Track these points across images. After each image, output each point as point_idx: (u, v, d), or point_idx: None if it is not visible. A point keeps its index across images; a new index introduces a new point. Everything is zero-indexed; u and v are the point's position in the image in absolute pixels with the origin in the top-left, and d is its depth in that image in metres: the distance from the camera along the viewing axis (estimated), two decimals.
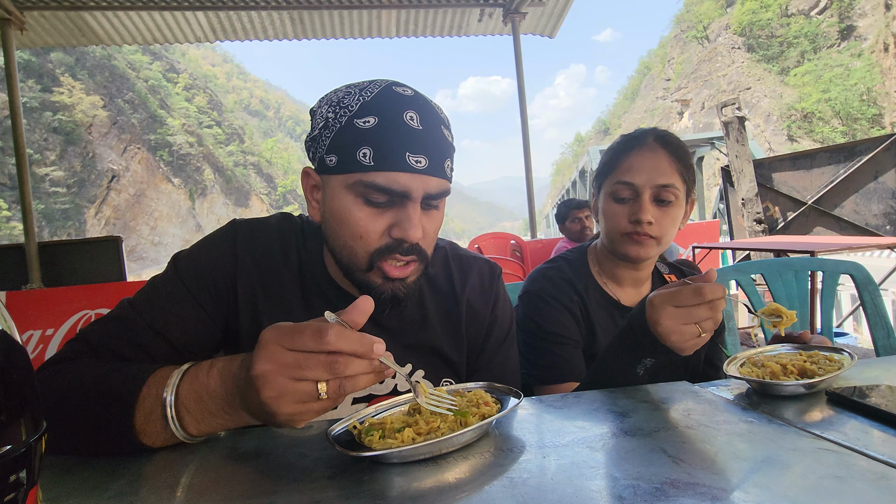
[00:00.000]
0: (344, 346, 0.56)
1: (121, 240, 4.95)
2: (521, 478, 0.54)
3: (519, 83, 5.47)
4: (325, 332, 0.56)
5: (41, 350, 3.55)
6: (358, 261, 0.79)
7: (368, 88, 0.77)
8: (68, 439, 0.66)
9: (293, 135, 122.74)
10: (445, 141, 0.79)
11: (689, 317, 0.78)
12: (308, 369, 0.56)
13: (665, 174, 1.08)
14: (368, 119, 0.74)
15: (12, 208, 33.03)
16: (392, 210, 0.77)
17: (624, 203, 1.11)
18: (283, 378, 0.56)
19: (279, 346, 0.57)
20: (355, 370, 0.57)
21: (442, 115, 0.81)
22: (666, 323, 0.80)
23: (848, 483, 0.50)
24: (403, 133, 0.74)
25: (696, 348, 0.82)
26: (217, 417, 0.64)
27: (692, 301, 0.78)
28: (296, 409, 0.58)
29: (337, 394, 0.57)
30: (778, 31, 48.70)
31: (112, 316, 0.80)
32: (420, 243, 0.79)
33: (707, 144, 11.44)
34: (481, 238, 5.36)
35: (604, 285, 1.20)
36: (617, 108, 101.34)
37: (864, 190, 5.97)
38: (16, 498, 0.31)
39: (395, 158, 0.73)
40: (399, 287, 0.80)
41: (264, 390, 0.57)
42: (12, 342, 0.32)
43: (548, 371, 1.11)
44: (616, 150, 1.14)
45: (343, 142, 0.75)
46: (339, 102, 0.77)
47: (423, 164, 0.75)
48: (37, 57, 41.52)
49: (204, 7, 4.93)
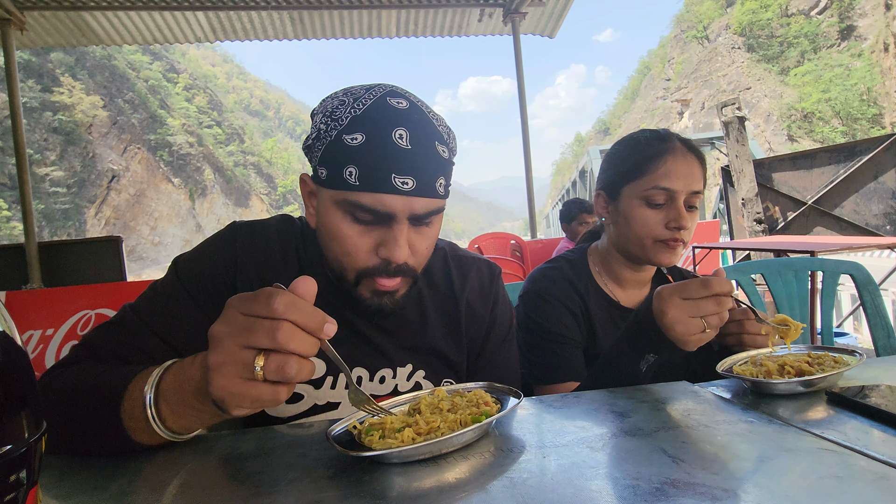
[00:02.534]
0: (292, 315, 0.53)
1: (121, 240, 4.95)
2: (521, 478, 0.54)
3: (519, 83, 5.48)
4: (274, 296, 0.53)
5: (41, 350, 3.55)
6: (346, 276, 0.80)
7: (362, 99, 0.75)
8: (68, 440, 0.67)
9: (293, 135, 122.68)
10: (438, 158, 0.76)
11: (696, 309, 0.80)
12: (252, 333, 0.53)
13: (698, 180, 1.08)
14: (356, 136, 0.72)
15: (12, 208, 33.03)
16: (379, 229, 0.76)
17: (658, 208, 1.08)
18: (230, 342, 0.54)
19: (236, 309, 0.55)
20: (298, 345, 0.53)
21: (438, 130, 0.77)
22: (672, 313, 0.81)
23: (848, 483, 0.50)
24: (390, 153, 0.72)
25: (698, 344, 0.82)
26: (192, 409, 0.62)
27: (700, 293, 0.79)
28: (231, 384, 0.54)
29: (274, 374, 0.53)
30: (778, 31, 48.70)
31: (114, 320, 0.81)
32: (408, 262, 0.78)
33: (707, 144, 11.45)
34: (481, 238, 5.36)
35: (604, 286, 1.19)
36: (617, 108, 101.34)
37: (864, 190, 5.97)
38: (16, 498, 0.31)
39: (380, 180, 0.72)
40: (386, 301, 0.81)
41: (211, 354, 0.55)
42: (12, 342, 0.32)
43: (549, 371, 1.10)
44: (645, 153, 1.10)
45: (332, 157, 0.74)
46: (332, 114, 0.75)
47: (409, 185, 0.73)
48: (37, 57, 41.52)
49: (204, 7, 4.93)
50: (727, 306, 0.80)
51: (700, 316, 0.80)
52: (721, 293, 0.79)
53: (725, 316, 0.81)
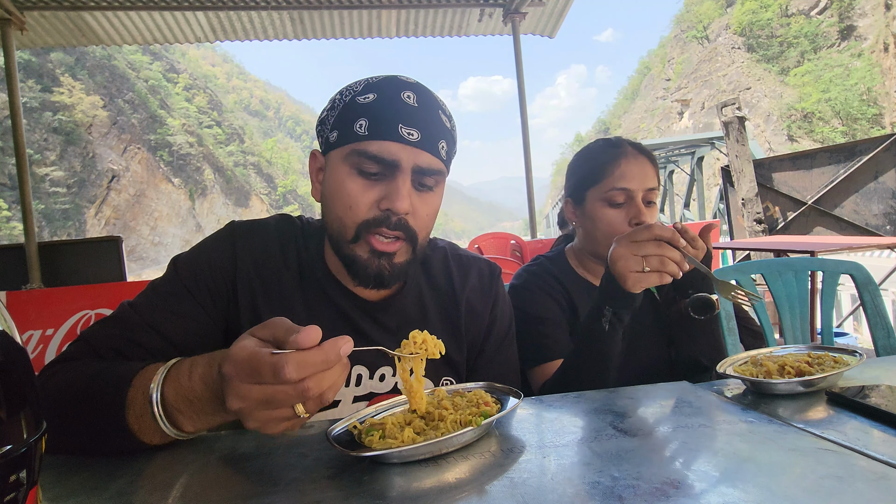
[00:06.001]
0: (307, 373, 0.54)
1: (121, 240, 4.94)
2: (521, 478, 0.54)
3: (519, 83, 5.47)
4: (282, 369, 0.53)
5: (41, 350, 3.55)
6: (346, 231, 0.81)
7: (377, 76, 0.83)
8: (69, 439, 0.66)
9: (293, 135, 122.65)
10: (441, 124, 0.82)
11: (637, 248, 0.90)
12: (280, 402, 0.55)
13: (651, 178, 1.18)
14: (368, 95, 0.80)
15: (12, 208, 33.02)
16: (383, 183, 0.80)
17: (619, 207, 1.17)
18: (262, 412, 0.56)
19: (242, 383, 0.55)
20: (329, 383, 0.55)
21: (441, 103, 0.85)
22: (617, 250, 0.92)
23: (848, 483, 0.50)
24: (399, 107, 0.78)
25: (639, 284, 0.90)
26: (212, 416, 0.64)
27: (643, 236, 0.90)
28: (283, 427, 0.58)
29: (317, 408, 0.57)
30: (778, 31, 48.69)
31: (112, 317, 0.81)
32: (409, 221, 0.81)
33: (707, 144, 11.44)
34: (481, 238, 5.36)
35: (584, 276, 1.26)
36: (617, 108, 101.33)
37: (864, 190, 5.96)
38: (16, 498, 0.31)
39: (388, 129, 0.77)
40: (384, 264, 0.81)
41: (247, 423, 0.57)
42: (12, 342, 0.32)
43: (535, 352, 1.13)
44: (599, 159, 1.21)
45: (345, 117, 0.80)
46: (348, 87, 0.83)
47: (415, 136, 0.78)
48: (37, 57, 41.52)
49: (204, 7, 4.92)
50: (668, 252, 0.88)
51: (640, 255, 0.89)
52: (662, 237, 0.88)
53: (667, 261, 0.88)
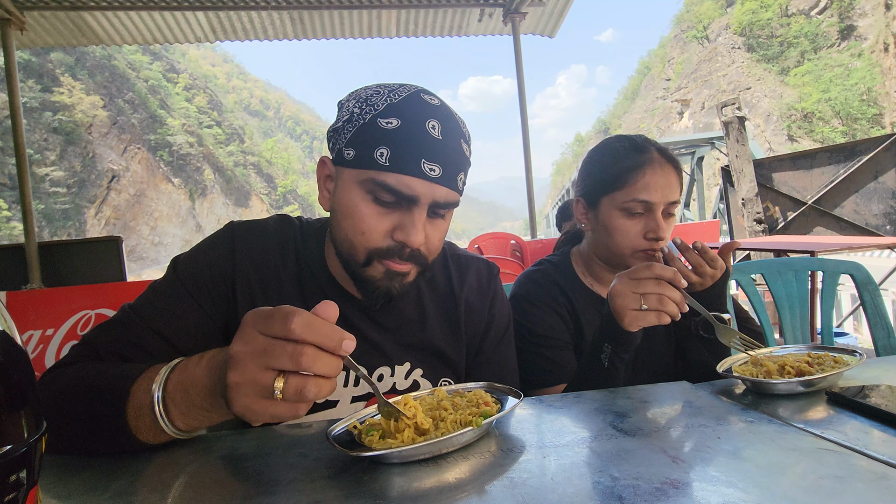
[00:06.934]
0: (312, 337, 0.53)
1: (121, 240, 4.94)
2: (521, 478, 0.54)
3: (519, 83, 5.47)
4: (292, 317, 0.53)
5: (41, 350, 3.55)
6: (356, 255, 0.80)
7: (397, 91, 0.78)
8: (69, 439, 0.66)
9: (293, 135, 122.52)
10: (462, 155, 0.80)
11: (636, 285, 0.87)
12: (273, 357, 0.53)
13: (675, 191, 1.10)
14: (392, 120, 0.75)
15: (12, 208, 33.00)
16: (398, 212, 0.78)
17: (637, 217, 1.09)
18: (251, 364, 0.54)
19: (254, 328, 0.55)
20: (322, 368, 0.54)
21: (463, 130, 0.81)
22: (616, 287, 0.89)
23: (848, 483, 0.50)
24: (423, 140, 0.75)
25: (636, 322, 0.88)
26: (201, 409, 0.62)
27: (643, 274, 0.87)
28: (251, 402, 0.55)
29: (295, 396, 0.54)
30: (778, 31, 48.68)
31: (114, 320, 0.81)
32: (421, 249, 0.80)
33: (707, 144, 11.42)
34: (481, 238, 5.36)
35: (589, 286, 1.22)
36: (617, 108, 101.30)
37: (864, 190, 5.97)
38: (16, 498, 0.31)
39: (411, 163, 0.74)
40: (396, 285, 0.81)
41: (232, 372, 0.55)
42: (12, 342, 0.32)
43: (538, 375, 1.11)
44: (623, 164, 1.10)
45: (363, 138, 0.76)
46: (367, 100, 0.78)
47: (436, 172, 0.76)
48: (37, 57, 41.51)
49: (204, 7, 4.92)
50: (668, 291, 0.86)
51: (639, 293, 0.87)
52: (662, 276, 0.86)
53: (666, 301, 0.86)
